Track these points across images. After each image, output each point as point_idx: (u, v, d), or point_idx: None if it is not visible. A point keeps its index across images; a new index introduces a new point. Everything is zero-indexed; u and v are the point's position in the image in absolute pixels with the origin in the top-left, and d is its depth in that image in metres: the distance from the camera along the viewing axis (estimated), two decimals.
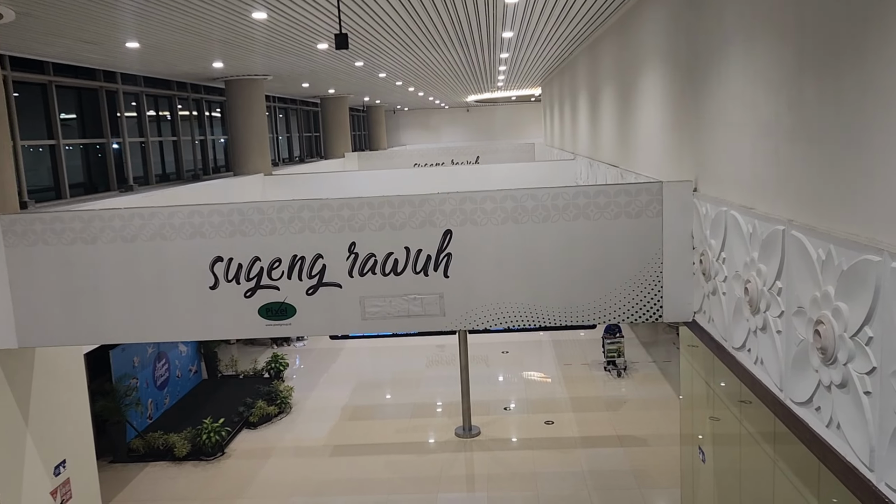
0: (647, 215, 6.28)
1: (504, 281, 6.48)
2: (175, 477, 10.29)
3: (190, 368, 13.63)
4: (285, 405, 12.37)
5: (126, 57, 11.02)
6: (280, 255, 6.53)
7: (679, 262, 6.31)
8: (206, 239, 6.54)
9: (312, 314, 6.63)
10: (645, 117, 8.47)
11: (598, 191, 6.30)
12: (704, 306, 6.04)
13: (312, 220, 6.48)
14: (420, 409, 12.34)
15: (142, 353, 11.74)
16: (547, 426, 11.22)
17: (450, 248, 6.45)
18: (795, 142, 4.21)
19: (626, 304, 6.43)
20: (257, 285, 6.59)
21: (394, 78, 18.59)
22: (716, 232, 5.58)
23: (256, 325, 6.67)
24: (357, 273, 6.53)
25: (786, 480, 5.13)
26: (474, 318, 6.56)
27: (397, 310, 6.60)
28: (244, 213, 6.50)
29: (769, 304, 4.58)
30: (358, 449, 10.87)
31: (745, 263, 4.95)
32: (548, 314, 6.52)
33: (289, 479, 10.01)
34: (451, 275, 6.48)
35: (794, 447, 5.02)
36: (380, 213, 6.43)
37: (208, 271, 6.57)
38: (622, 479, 9.39)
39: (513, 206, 6.37)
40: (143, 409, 11.57)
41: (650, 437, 10.57)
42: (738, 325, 5.17)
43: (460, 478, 9.84)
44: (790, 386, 4.32)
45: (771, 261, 4.50)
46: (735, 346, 5.28)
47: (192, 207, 6.57)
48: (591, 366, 13.98)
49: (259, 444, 11.23)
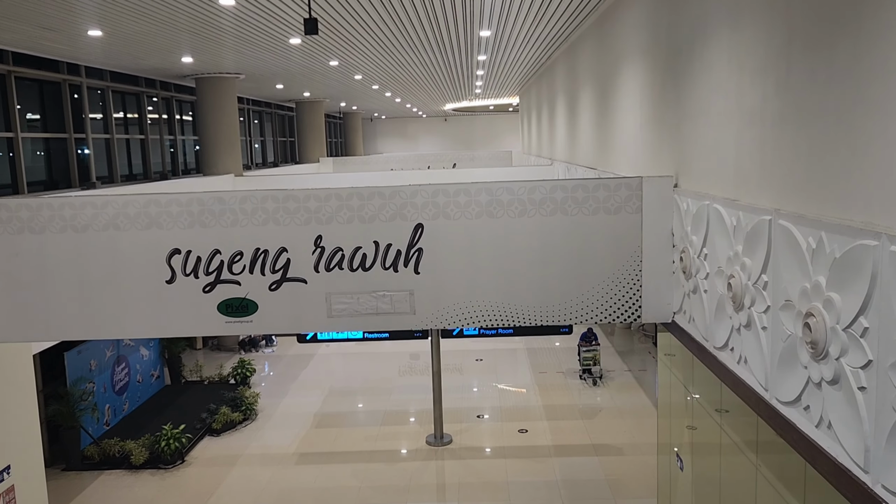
0: (626, 211, 6.05)
1: (477, 278, 6.20)
2: (131, 486, 9.81)
3: (152, 373, 13.12)
4: (251, 412, 11.93)
5: (89, 47, 10.61)
6: (242, 247, 6.18)
7: (659, 260, 6.09)
8: (162, 230, 6.17)
9: (275, 311, 6.29)
10: (624, 117, 8.29)
11: (576, 185, 6.06)
12: (685, 306, 5.81)
13: (277, 211, 6.16)
14: (391, 417, 11.98)
15: (100, 357, 11.24)
16: (521, 434, 10.93)
17: (421, 243, 6.16)
18: (783, 126, 4.01)
19: (603, 303, 6.18)
20: (217, 280, 6.23)
21: (370, 81, 18.33)
22: (697, 227, 5.37)
23: (215, 322, 6.31)
24: (323, 268, 6.21)
25: (769, 487, 4.89)
26: (446, 316, 6.27)
27: (365, 307, 6.29)
28: (204, 202, 6.15)
29: (754, 299, 4.35)
30: (325, 457, 10.48)
31: (728, 258, 4.73)
32: (522, 314, 6.25)
33: (251, 488, 9.59)
34: (421, 271, 6.18)
35: (778, 453, 4.80)
36: (348, 205, 6.13)
37: (165, 264, 6.20)
38: (597, 488, 9.12)
39: (488, 200, 6.10)
40: (99, 414, 11.07)
41: (625, 446, 10.33)
42: (721, 324, 4.95)
43: (430, 487, 9.50)
44: (776, 385, 4.09)
45: (756, 253, 4.28)
46: (717, 346, 5.06)
47: (148, 196, 6.20)
48: (567, 374, 13.74)
49: (222, 452, 10.78)
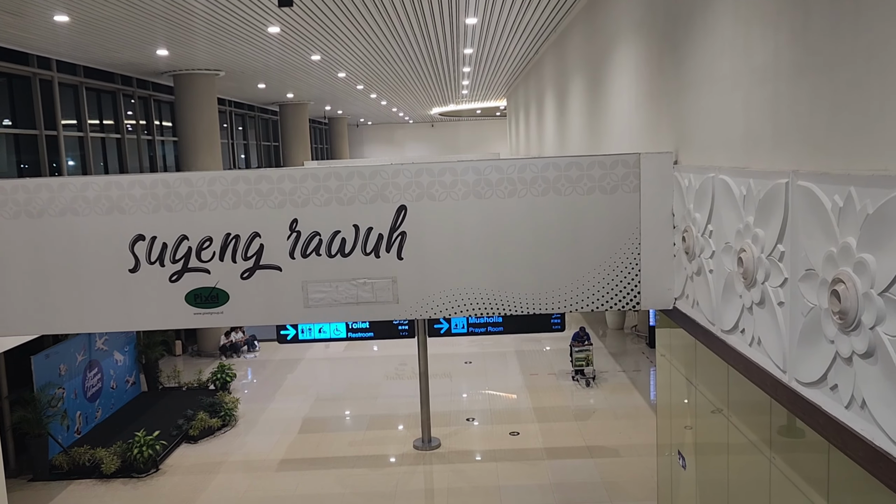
0: (623, 190, 5.67)
1: (465, 264, 5.79)
2: (101, 496, 9.27)
3: (127, 379, 12.57)
4: (230, 417, 11.41)
5: (58, 36, 10.14)
6: (211, 233, 5.75)
7: (658, 242, 5.70)
8: (125, 214, 5.73)
9: (248, 301, 5.85)
10: (617, 99, 7.93)
11: (569, 162, 5.67)
12: (687, 290, 5.42)
13: (248, 193, 5.72)
14: (377, 421, 11.50)
15: (70, 361, 10.71)
16: (512, 437, 10.49)
17: (404, 227, 5.75)
18: (800, 79, 3.63)
19: (600, 290, 5.78)
20: (184, 268, 5.79)
21: (355, 79, 17.94)
22: (701, 203, 4.99)
23: (183, 314, 5.86)
24: (299, 254, 5.78)
25: (785, 482, 4.49)
26: (431, 305, 5.85)
27: (345, 296, 5.85)
28: (170, 185, 5.71)
29: (768, 273, 3.97)
30: (307, 463, 9.99)
31: (737, 231, 4.35)
32: (514, 302, 5.84)
33: (229, 497, 9.08)
34: (405, 256, 5.77)
35: (796, 442, 4.40)
36: (325, 186, 5.71)
37: (128, 252, 5.76)
38: (593, 491, 8.69)
39: (475, 180, 5.70)
40: (69, 422, 10.52)
41: (622, 447, 9.92)
42: (729, 305, 4.56)
43: (418, 492, 9.03)
44: (796, 365, 3.70)
45: (771, 222, 3.90)
46: (725, 329, 4.67)
47: (108, 178, 5.76)
48: (559, 375, 13.32)
49: (198, 460, 10.26)
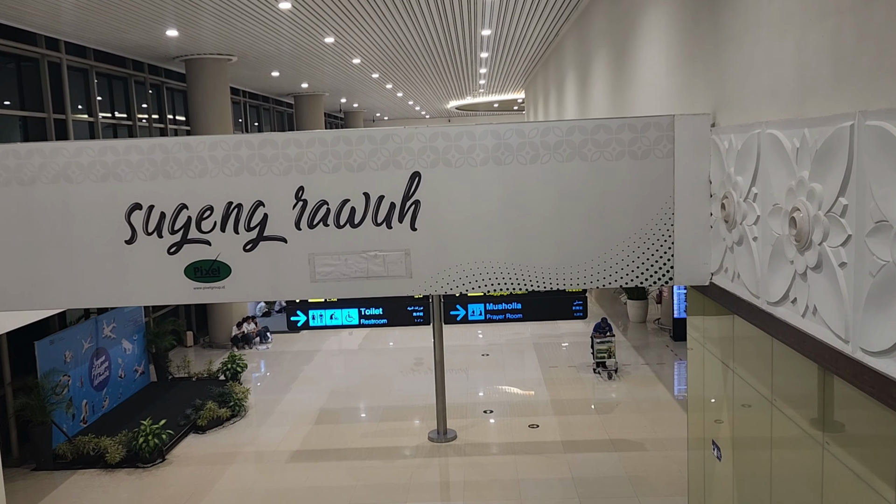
0: (655, 156, 5.23)
1: (483, 235, 5.38)
2: (105, 486, 8.95)
3: (136, 369, 12.28)
4: (239, 408, 11.07)
5: (62, 12, 9.84)
6: (212, 202, 5.39)
7: (694, 212, 5.26)
8: (121, 182, 5.38)
9: (251, 275, 5.48)
10: (646, 69, 7.47)
11: (596, 125, 5.24)
12: (726, 263, 4.97)
13: (252, 159, 5.35)
14: (391, 413, 11.11)
15: (76, 348, 10.41)
16: (531, 430, 10.04)
17: (418, 195, 5.34)
18: (871, 3, 3.17)
19: (629, 264, 5.35)
20: (184, 239, 5.43)
21: (370, 67, 17.57)
22: (744, 165, 4.54)
23: (182, 289, 5.50)
24: (306, 225, 5.40)
25: (842, 469, 4.01)
26: (447, 280, 5.44)
27: (354, 270, 5.46)
28: (168, 149, 5.35)
29: (827, 232, 3.51)
30: (318, 455, 9.61)
31: (788, 190, 3.90)
32: (535, 277, 5.41)
33: (237, 488, 8.73)
34: (419, 227, 5.37)
35: (857, 422, 3.92)
36: (334, 151, 5.32)
37: (124, 222, 5.41)
38: (618, 485, 8.22)
39: (494, 144, 5.29)
40: (75, 410, 10.23)
41: (647, 441, 9.44)
42: (778, 273, 4.11)
43: (433, 485, 8.62)
44: (862, 333, 3.25)
45: (831, 174, 3.45)
46: (772, 301, 4.21)
47: (103, 143, 5.41)
48: (579, 368, 12.85)
49: (206, 450, 9.92)
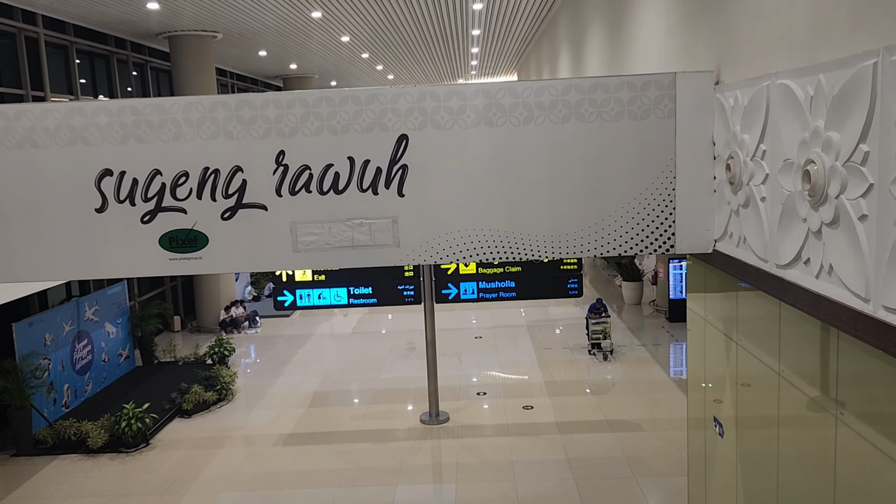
0: (655, 116, 4.96)
1: (474, 202, 5.10)
2: (87, 471, 8.68)
3: (120, 353, 11.97)
4: (226, 391, 10.79)
5: None
6: (187, 167, 5.09)
7: (696, 175, 4.99)
8: (90, 146, 5.07)
9: (229, 245, 5.19)
10: (644, 32, 7.18)
11: (594, 84, 4.95)
12: (731, 227, 4.71)
13: (229, 121, 5.05)
14: (382, 396, 10.86)
15: (56, 330, 10.10)
16: (525, 411, 9.82)
17: (405, 159, 5.06)
18: None
19: (628, 231, 5.09)
20: (158, 207, 5.13)
21: (359, 46, 17.19)
22: (751, 122, 4.28)
23: (157, 260, 5.21)
24: (287, 191, 5.11)
25: (857, 440, 3.77)
26: (436, 249, 5.16)
27: (339, 239, 5.17)
28: (140, 111, 5.04)
29: (845, 183, 3.25)
30: (307, 438, 9.36)
31: (801, 143, 3.64)
32: (529, 245, 5.15)
33: (222, 472, 8.47)
34: (406, 193, 5.09)
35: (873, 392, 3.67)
36: (316, 112, 5.02)
37: (94, 189, 5.11)
38: (615, 466, 8.00)
39: (486, 105, 5.00)
40: (56, 394, 9.93)
41: (644, 421, 9.22)
42: (789, 234, 3.85)
43: (425, 467, 8.38)
44: (885, 290, 3.01)
45: (850, 120, 3.18)
46: (782, 264, 3.96)
47: (70, 105, 5.09)
48: (574, 350, 12.62)
49: (191, 434, 9.65)
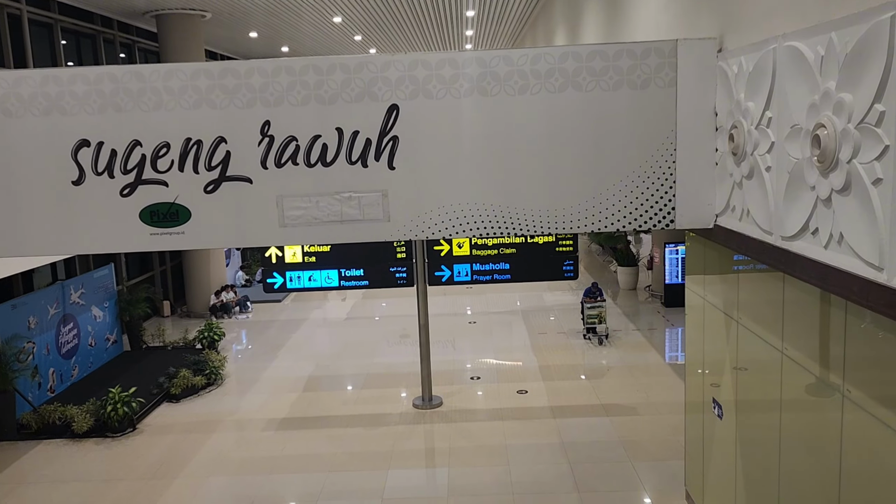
0: (656, 85, 4.78)
1: (468, 175, 4.93)
2: (72, 456, 8.50)
3: (107, 337, 11.76)
4: (216, 376, 10.61)
5: None
6: (168, 138, 4.89)
7: (698, 147, 4.82)
8: (66, 115, 4.86)
9: (213, 219, 5.00)
10: (642, 4, 6.98)
11: (592, 52, 4.77)
12: (733, 200, 4.55)
13: (212, 90, 4.84)
14: (374, 380, 10.70)
15: (41, 314, 9.89)
16: (520, 396, 9.68)
17: (396, 130, 4.87)
18: None
19: (626, 206, 4.92)
20: (138, 179, 4.93)
21: (351, 29, 16.91)
22: (756, 88, 4.11)
23: (138, 235, 5.02)
24: (273, 163, 4.92)
25: (864, 417, 3.62)
26: (428, 224, 4.99)
27: (327, 213, 4.99)
28: (118, 79, 4.83)
29: (857, 147, 3.09)
30: (297, 422, 9.20)
31: (810, 106, 3.46)
32: (524, 220, 4.98)
33: (209, 457, 8.30)
34: (397, 166, 4.91)
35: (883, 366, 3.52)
36: (303, 81, 4.82)
37: (70, 160, 4.91)
38: (609, 450, 7.87)
39: (479, 73, 4.81)
40: (41, 379, 9.74)
41: (640, 405, 9.10)
42: (796, 203, 3.69)
43: (417, 452, 8.23)
44: None
45: (864, 80, 3.02)
46: (788, 235, 3.80)
47: (45, 71, 4.87)
48: (569, 334, 12.48)
49: (179, 419, 9.48)
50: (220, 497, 7.42)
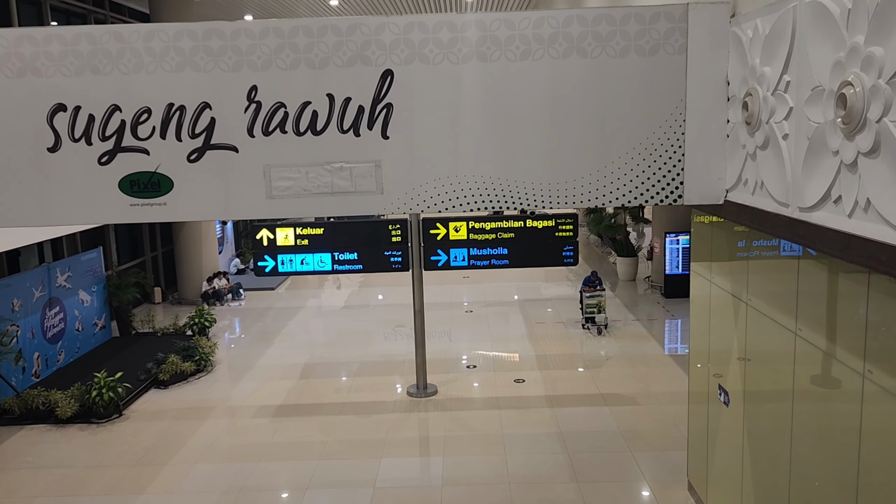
0: (665, 52, 4.53)
1: (466, 145, 4.68)
2: (55, 442, 8.25)
3: (95, 322, 11.49)
4: (206, 362, 10.36)
5: None
6: (149, 103, 4.63)
7: (708, 118, 4.58)
8: (41, 78, 4.60)
9: (196, 190, 4.74)
10: None
11: (598, 15, 4.51)
12: (746, 173, 4.31)
13: (195, 52, 4.58)
14: (368, 368, 10.45)
15: (25, 296, 9.62)
16: (517, 385, 9.44)
17: (390, 97, 4.61)
18: None
19: (632, 180, 4.68)
20: (117, 147, 4.67)
21: (349, 12, 16.58)
22: (773, 52, 3.87)
23: (116, 206, 4.76)
24: (260, 131, 4.67)
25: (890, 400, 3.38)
26: (423, 197, 4.74)
27: (317, 184, 4.73)
28: (96, 39, 4.56)
29: (889, 104, 2.87)
30: (287, 410, 8.96)
31: (835, 64, 3.22)
32: (524, 194, 4.74)
33: (197, 444, 8.06)
34: (391, 135, 4.65)
35: None
36: (292, 44, 4.55)
37: (46, 126, 4.65)
38: (609, 440, 7.64)
39: (479, 37, 4.55)
40: (25, 363, 9.47)
41: (639, 395, 8.87)
42: (816, 171, 3.45)
43: (411, 440, 7.99)
44: None
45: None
46: (807, 206, 3.56)
47: (19, 31, 4.60)
48: (567, 324, 12.24)
49: (167, 405, 9.23)
50: (206, 485, 7.18)
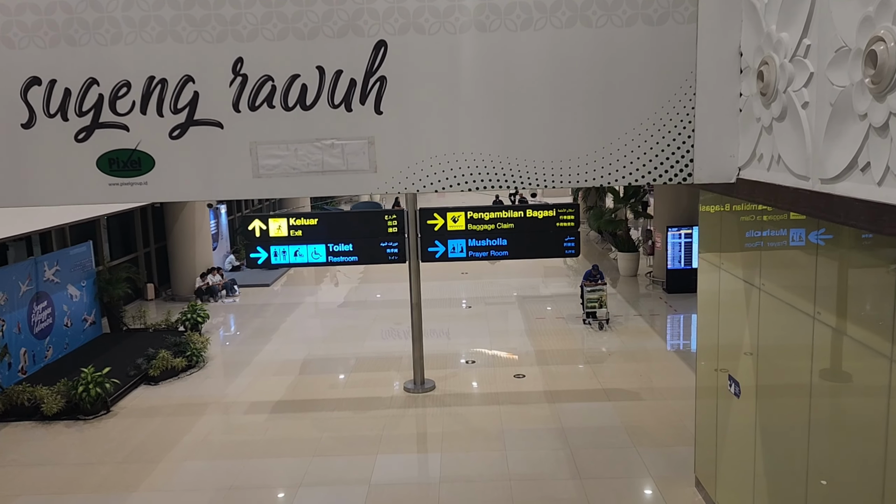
0: (674, 20, 4.29)
1: (463, 120, 4.43)
2: (41, 439, 7.99)
3: (84, 318, 11.23)
4: (197, 358, 10.10)
5: None
6: (129, 76, 4.38)
7: (720, 91, 4.34)
8: (14, 50, 4.35)
9: (179, 169, 4.49)
10: None
11: None
12: (761, 148, 4.06)
13: (177, 21, 4.33)
14: (364, 364, 10.21)
15: (11, 290, 9.36)
16: (517, 380, 9.20)
17: (384, 70, 4.37)
18: None
19: (639, 158, 4.44)
20: (95, 123, 4.42)
21: None
22: (792, 15, 3.63)
23: (94, 185, 4.51)
24: (246, 106, 4.42)
25: None
26: (419, 176, 4.49)
27: (306, 162, 4.48)
28: (72, 8, 4.30)
29: None
30: (281, 406, 8.70)
31: (863, 20, 2.99)
32: (525, 173, 4.49)
33: (187, 441, 7.80)
34: (385, 110, 4.41)
35: None
36: (279, 13, 4.31)
37: (19, 100, 4.39)
38: (612, 435, 7.40)
39: (477, 6, 4.31)
40: (11, 358, 9.21)
41: (643, 390, 8.63)
42: (840, 139, 3.20)
43: (408, 436, 7.74)
44: None
45: None
46: (829, 177, 3.32)
47: None
48: (568, 319, 12.00)
49: (157, 402, 8.97)
50: (196, 483, 6.92)
